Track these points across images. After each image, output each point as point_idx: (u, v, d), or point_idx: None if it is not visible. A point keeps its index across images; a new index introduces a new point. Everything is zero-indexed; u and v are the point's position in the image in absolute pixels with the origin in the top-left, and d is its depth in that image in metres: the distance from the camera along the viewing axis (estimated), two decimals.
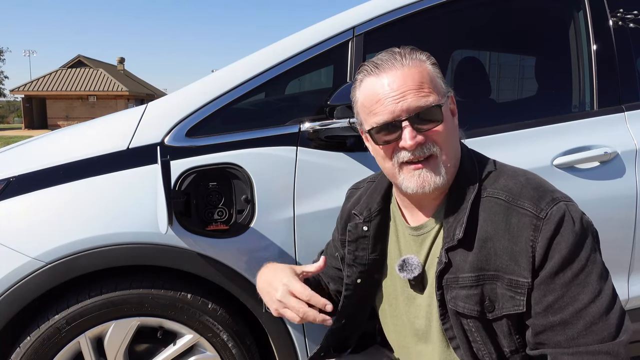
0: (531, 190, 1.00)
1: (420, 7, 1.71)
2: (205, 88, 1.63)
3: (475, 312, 1.00)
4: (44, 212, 1.49)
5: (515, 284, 0.97)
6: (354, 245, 1.19)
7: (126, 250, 1.47)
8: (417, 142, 0.99)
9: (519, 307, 0.98)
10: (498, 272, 0.99)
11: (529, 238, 0.96)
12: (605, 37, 1.78)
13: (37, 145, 1.79)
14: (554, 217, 0.95)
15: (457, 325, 1.04)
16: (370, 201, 1.20)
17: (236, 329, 1.58)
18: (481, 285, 1.00)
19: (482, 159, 1.11)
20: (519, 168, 1.09)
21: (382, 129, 1.01)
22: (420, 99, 0.99)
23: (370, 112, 1.03)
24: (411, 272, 1.09)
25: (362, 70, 1.07)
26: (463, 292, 1.01)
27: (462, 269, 1.01)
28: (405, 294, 1.15)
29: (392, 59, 1.02)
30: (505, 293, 0.98)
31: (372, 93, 1.02)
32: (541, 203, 0.97)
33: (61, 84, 37.30)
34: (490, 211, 1.01)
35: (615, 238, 1.69)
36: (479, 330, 1.02)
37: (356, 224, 1.19)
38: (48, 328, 1.47)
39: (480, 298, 1.00)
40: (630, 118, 1.74)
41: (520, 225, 0.97)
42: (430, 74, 1.02)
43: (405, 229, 1.14)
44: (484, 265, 0.99)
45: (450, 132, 1.04)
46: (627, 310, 1.81)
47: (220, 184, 1.53)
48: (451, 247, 1.02)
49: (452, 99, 1.09)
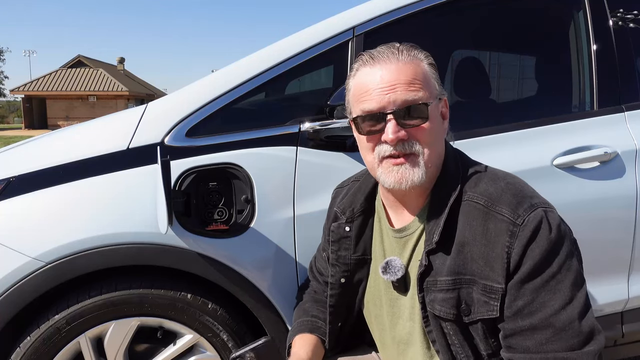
0: (510, 196, 0.99)
1: (420, 7, 1.71)
2: (205, 88, 1.63)
3: (451, 315, 1.01)
4: (44, 212, 1.49)
5: (490, 289, 0.97)
6: (337, 245, 1.19)
7: (126, 250, 1.47)
8: (399, 137, 0.99)
9: (492, 312, 0.98)
10: (474, 277, 0.99)
11: (505, 244, 0.96)
12: (605, 37, 1.78)
13: (37, 145, 1.79)
14: (530, 224, 0.95)
15: (437, 328, 1.04)
16: (353, 200, 1.20)
17: (236, 329, 1.58)
18: (458, 289, 1.00)
19: (467, 162, 1.11)
20: (502, 172, 1.08)
21: (367, 119, 1.02)
22: (409, 93, 0.99)
23: (359, 100, 1.04)
24: (394, 274, 1.09)
25: (358, 59, 1.07)
26: (440, 295, 1.01)
27: (441, 272, 1.01)
28: (389, 295, 1.15)
29: (389, 52, 1.03)
30: (480, 298, 0.99)
31: (364, 82, 1.03)
32: (519, 209, 0.97)
33: (61, 84, 37.30)
34: (469, 216, 1.01)
35: (615, 238, 1.69)
36: (456, 334, 1.02)
37: (339, 224, 1.20)
38: (48, 328, 1.47)
39: (457, 302, 1.00)
40: (630, 118, 1.74)
41: (497, 231, 0.97)
42: (424, 73, 1.03)
43: (389, 230, 1.14)
44: (460, 269, 1.00)
45: (435, 132, 1.03)
46: (627, 310, 1.82)
47: (220, 184, 1.53)
48: (431, 250, 1.02)
49: (445, 102, 1.09)
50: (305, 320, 1.29)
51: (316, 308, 1.32)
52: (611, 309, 1.76)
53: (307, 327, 1.26)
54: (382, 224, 1.18)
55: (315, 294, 1.38)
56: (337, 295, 1.21)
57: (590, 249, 1.01)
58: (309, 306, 1.33)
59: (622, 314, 1.77)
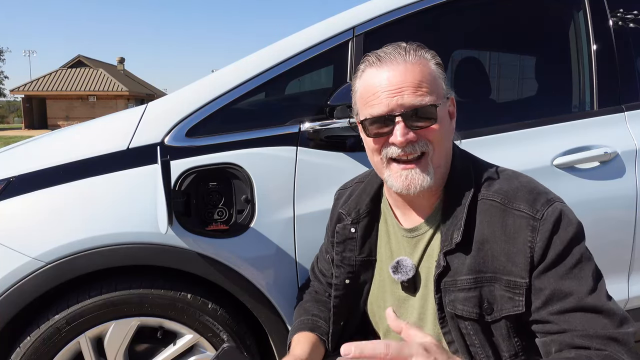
0: (526, 193, 1.01)
1: (420, 7, 1.71)
2: (205, 88, 1.63)
3: (474, 314, 1.01)
4: (44, 212, 1.49)
5: (514, 284, 0.98)
6: (342, 246, 1.19)
7: (126, 250, 1.47)
8: (408, 139, 0.99)
9: (518, 308, 0.98)
10: (496, 274, 0.99)
11: (527, 239, 0.97)
12: (605, 37, 1.78)
13: (37, 145, 1.79)
14: (550, 217, 0.97)
15: (455, 328, 1.04)
16: (359, 202, 1.20)
17: (236, 329, 1.58)
18: (479, 287, 1.00)
19: (477, 162, 1.11)
20: (513, 171, 1.09)
21: (376, 121, 1.02)
22: (417, 97, 0.99)
23: (367, 103, 1.03)
24: (405, 274, 1.09)
25: (365, 60, 1.07)
26: (461, 295, 1.01)
27: (460, 272, 1.01)
28: (396, 296, 1.14)
29: (395, 53, 1.02)
30: (504, 294, 0.99)
31: (371, 84, 1.02)
32: (536, 204, 0.99)
33: (61, 84, 37.29)
34: (487, 214, 1.01)
35: (615, 238, 1.70)
36: (477, 334, 1.02)
37: (344, 225, 1.19)
38: (48, 328, 1.47)
39: (479, 300, 1.00)
40: (630, 118, 1.74)
41: (517, 227, 0.98)
42: (431, 73, 1.02)
43: (399, 230, 1.14)
44: (481, 267, 1.00)
45: (444, 133, 1.04)
46: (627, 311, 1.82)
47: (220, 184, 1.53)
48: (449, 251, 1.02)
49: (453, 101, 1.08)
50: (305, 319, 1.28)
51: (317, 307, 1.32)
52: None
53: (307, 326, 1.26)
54: (388, 224, 1.17)
55: (316, 294, 1.38)
56: (341, 296, 1.21)
57: (590, 249, 1.01)
58: (309, 305, 1.33)
59: None
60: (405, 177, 1.01)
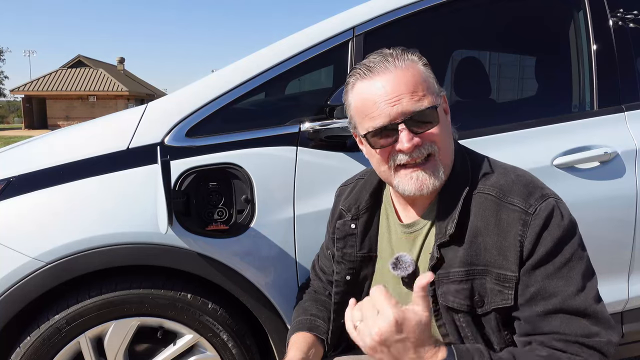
0: (521, 187, 1.01)
1: (420, 7, 1.71)
2: (205, 88, 1.63)
3: (465, 306, 1.01)
4: (44, 212, 1.49)
5: (504, 278, 0.98)
6: (342, 242, 1.20)
7: (126, 250, 1.47)
8: (414, 144, 1.00)
9: (507, 301, 0.99)
10: (487, 267, 1.00)
11: (518, 233, 0.97)
12: (605, 37, 1.78)
13: (37, 145, 1.79)
14: (542, 213, 0.97)
15: (450, 321, 1.04)
16: (359, 197, 1.21)
17: (236, 329, 1.58)
18: (471, 279, 1.01)
19: (474, 156, 1.12)
20: (510, 165, 1.10)
21: (378, 133, 1.02)
22: (415, 102, 0.99)
23: (366, 116, 1.03)
24: (405, 269, 1.10)
25: (353, 73, 1.06)
26: (453, 287, 1.02)
27: (453, 264, 1.02)
28: (398, 292, 1.15)
29: (384, 62, 1.02)
30: (494, 287, 1.00)
31: (367, 97, 1.02)
32: (530, 199, 0.99)
33: (61, 84, 37.30)
34: (481, 207, 1.02)
35: (615, 238, 1.70)
36: (469, 326, 1.03)
37: (344, 221, 1.20)
38: (48, 328, 1.47)
39: (470, 293, 1.01)
40: (630, 118, 1.74)
41: (510, 221, 0.99)
42: (423, 75, 1.03)
43: (398, 226, 1.15)
44: (473, 260, 1.01)
45: (445, 131, 1.05)
46: (627, 311, 1.81)
47: (220, 184, 1.53)
48: (443, 243, 1.03)
49: (444, 98, 1.09)
50: (303, 319, 1.29)
51: (316, 307, 1.32)
52: (611, 309, 1.75)
53: (305, 326, 1.26)
54: (389, 220, 1.18)
55: (315, 293, 1.38)
56: (342, 292, 1.21)
57: (590, 248, 1.02)
58: (308, 305, 1.33)
59: (622, 314, 1.77)
60: (417, 178, 1.02)
